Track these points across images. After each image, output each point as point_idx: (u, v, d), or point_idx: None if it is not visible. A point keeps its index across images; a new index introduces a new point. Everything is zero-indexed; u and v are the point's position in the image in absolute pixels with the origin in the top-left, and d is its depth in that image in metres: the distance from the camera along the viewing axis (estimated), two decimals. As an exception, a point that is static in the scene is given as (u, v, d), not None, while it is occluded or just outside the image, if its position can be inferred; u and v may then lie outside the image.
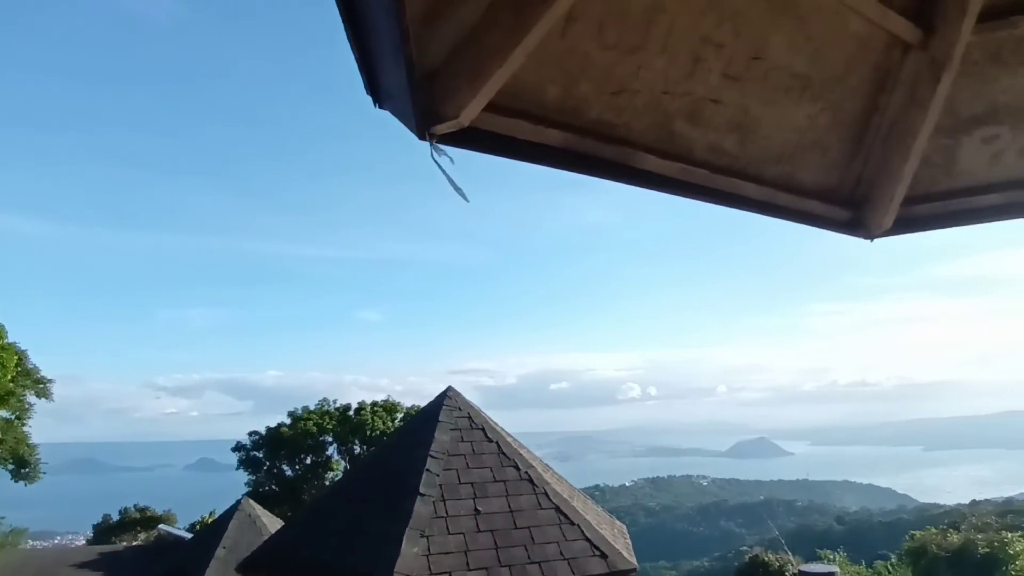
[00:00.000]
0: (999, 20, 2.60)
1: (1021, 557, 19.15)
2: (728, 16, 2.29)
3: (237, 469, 37.19)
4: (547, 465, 9.00)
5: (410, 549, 6.76)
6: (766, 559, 22.32)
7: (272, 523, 16.39)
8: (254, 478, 36.59)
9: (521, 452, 8.15)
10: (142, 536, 34.19)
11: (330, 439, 36.63)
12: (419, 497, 7.26)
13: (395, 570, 6.49)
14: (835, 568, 3.05)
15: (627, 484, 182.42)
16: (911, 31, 2.61)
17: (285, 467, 36.79)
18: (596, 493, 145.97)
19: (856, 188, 2.90)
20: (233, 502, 17.77)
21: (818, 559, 25.05)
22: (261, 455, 36.56)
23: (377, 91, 2.02)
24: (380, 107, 2.07)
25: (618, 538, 7.85)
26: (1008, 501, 69.68)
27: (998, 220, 2.97)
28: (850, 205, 2.90)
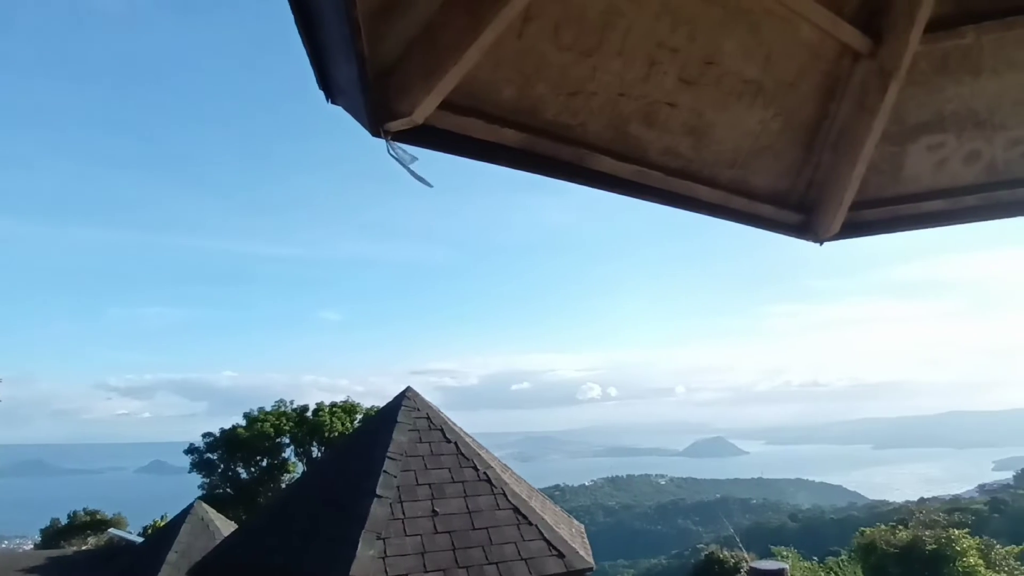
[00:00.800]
0: (946, 30, 2.68)
1: (967, 554, 19.83)
2: (683, 21, 2.31)
3: (190, 472, 36.31)
4: (506, 465, 9.00)
5: (366, 551, 6.69)
6: (721, 556, 22.71)
7: (226, 527, 16.07)
8: (208, 481, 35.77)
9: (480, 452, 8.13)
10: (92, 540, 33.15)
11: (287, 441, 36.02)
12: (376, 499, 7.18)
13: (350, 573, 6.40)
14: (785, 565, 3.11)
15: (587, 484, 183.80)
16: (861, 40, 2.67)
17: (240, 470, 36.06)
18: (556, 493, 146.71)
19: (807, 193, 2.96)
20: (186, 505, 17.39)
21: (772, 556, 25.59)
22: (215, 457, 35.76)
23: (329, 86, 1.98)
24: (333, 103, 2.03)
25: (576, 537, 7.89)
26: (955, 499, 72.38)
27: (942, 225, 3.06)
28: (801, 209, 2.96)
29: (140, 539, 23.51)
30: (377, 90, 1.82)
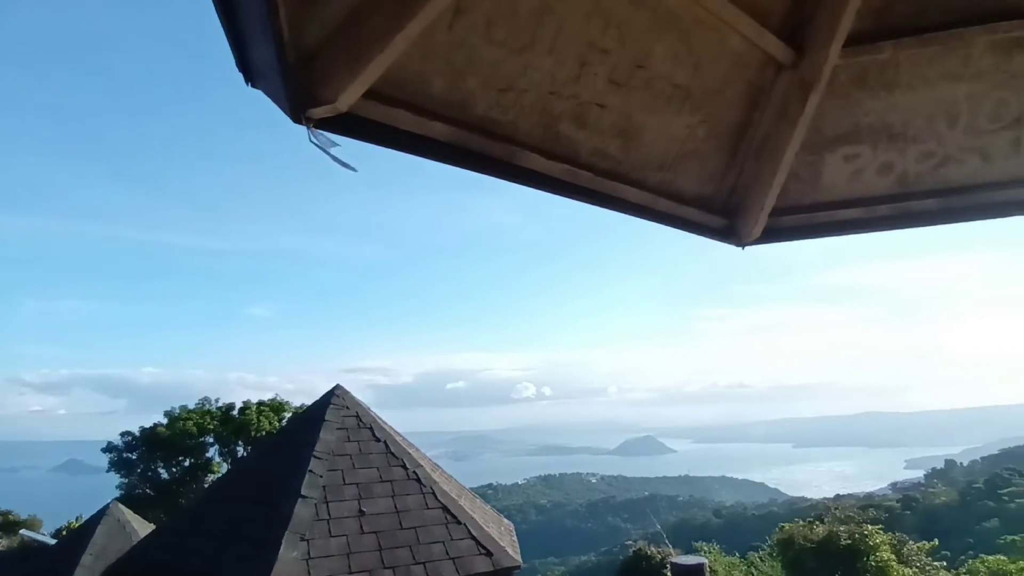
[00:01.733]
0: (864, 45, 2.79)
1: (879, 549, 20.90)
2: (614, 24, 2.33)
3: (108, 471, 34.77)
4: (436, 464, 8.94)
5: (289, 553, 6.52)
6: (648, 552, 23.21)
7: (143, 528, 15.45)
8: (127, 481, 34.33)
9: (410, 451, 8.04)
10: (3, 542, 31.23)
11: (211, 440, 34.94)
12: (300, 499, 7.01)
13: (271, 575, 6.23)
14: (704, 560, 3.20)
15: (520, 482, 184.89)
16: (784, 51, 2.76)
17: (161, 470, 34.74)
18: (489, 492, 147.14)
19: (730, 198, 3.04)
20: (102, 506, 16.70)
21: (696, 551, 26.35)
22: (135, 457, 34.31)
23: (248, 69, 1.91)
24: (253, 86, 1.96)
25: (504, 536, 7.91)
26: (869, 496, 76.28)
27: (856, 233, 3.20)
28: (725, 214, 3.04)
29: (53, 541, 22.40)
30: (299, 75, 1.76)
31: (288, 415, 35.13)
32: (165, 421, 34.74)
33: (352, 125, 1.91)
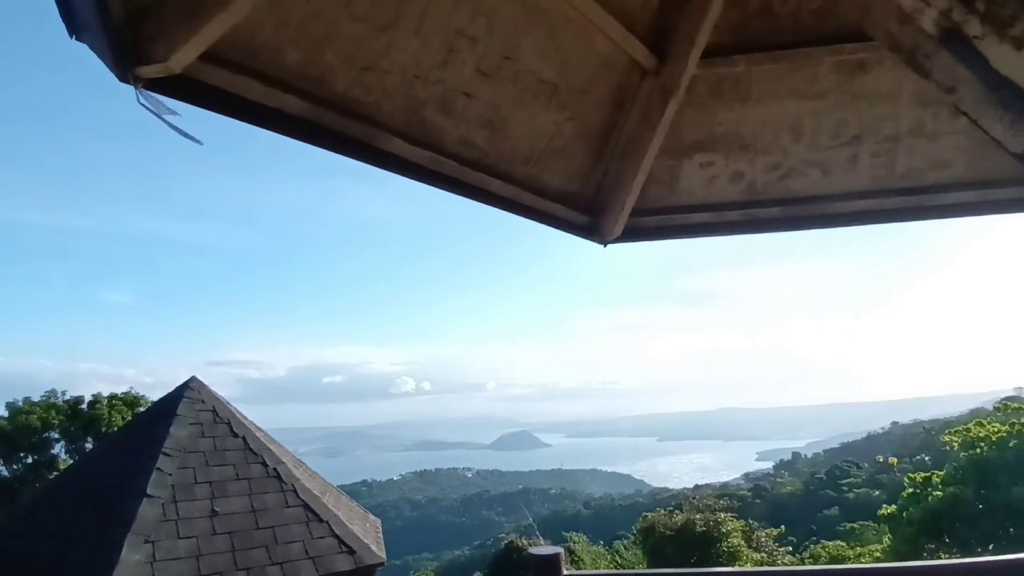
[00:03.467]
0: (721, 57, 2.93)
1: (731, 535, 22.48)
2: (483, 12, 2.30)
3: (-60, 467, 30.94)
4: (300, 461, 8.60)
5: (131, 556, 6.05)
6: (519, 544, 23.66)
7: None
8: (-41, 479, 30.69)
9: (271, 447, 7.67)
10: None
11: (56, 436, 31.97)
12: (146, 498, 6.53)
13: (111, 581, 5.74)
14: (559, 549, 3.29)
15: (395, 478, 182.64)
16: (648, 58, 2.85)
17: (1, 467, 31.39)
18: (363, 489, 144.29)
19: (595, 196, 3.11)
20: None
21: (566, 542, 27.21)
22: (-30, 452, 30.76)
23: (72, 19, 1.70)
24: (77, 39, 1.75)
25: (370, 533, 7.74)
26: (724, 486, 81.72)
27: (709, 236, 3.38)
28: (589, 212, 3.11)
29: None
30: (127, 29, 1.59)
31: (143, 410, 32.74)
32: (6, 414, 31.45)
33: (189, 89, 1.76)
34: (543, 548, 3.73)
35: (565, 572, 3.34)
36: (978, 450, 20.94)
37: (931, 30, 1.53)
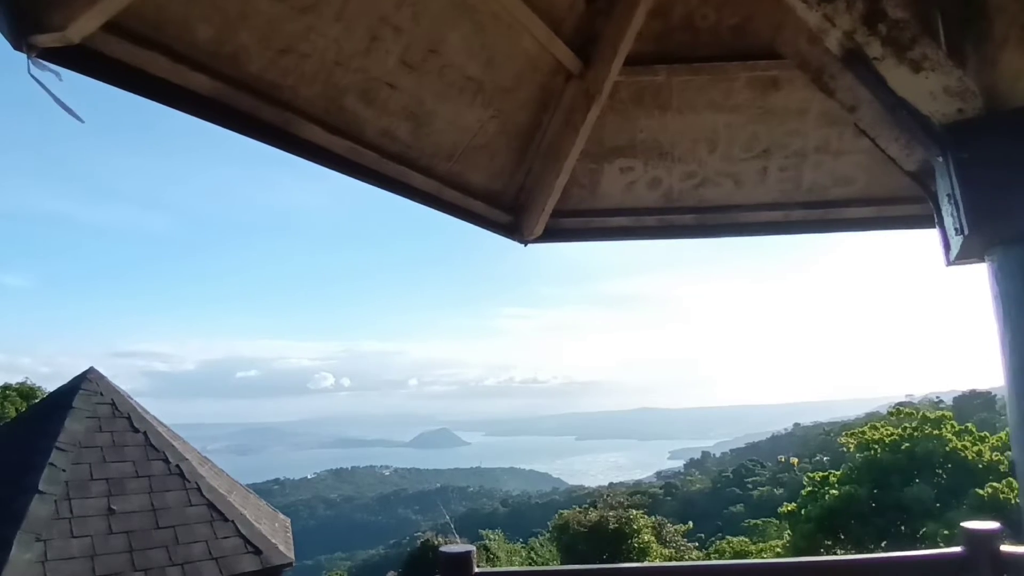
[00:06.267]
0: (644, 66, 3.00)
1: (642, 532, 23.12)
2: (409, 1, 2.26)
3: None
4: (206, 458, 8.25)
5: (21, 555, 5.69)
6: (436, 543, 23.57)
7: None
8: None
9: (174, 444, 7.32)
10: None
11: (-64, 429, 29.49)
12: (37, 495, 6.14)
13: (-5, 583, 5.36)
14: (471, 547, 3.28)
15: (309, 476, 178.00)
16: (573, 61, 2.88)
17: None
18: (275, 487, 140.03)
19: (517, 196, 3.12)
20: None
21: (482, 539, 27.30)
22: None
23: None
24: None
25: (279, 532, 7.51)
26: (637, 483, 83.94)
27: (626, 240, 3.46)
28: (511, 210, 3.12)
29: None
30: None
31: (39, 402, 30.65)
32: None
33: (88, 61, 1.65)
34: (454, 547, 3.71)
35: (476, 570, 3.33)
36: (872, 452, 22.36)
37: (836, 50, 1.60)
